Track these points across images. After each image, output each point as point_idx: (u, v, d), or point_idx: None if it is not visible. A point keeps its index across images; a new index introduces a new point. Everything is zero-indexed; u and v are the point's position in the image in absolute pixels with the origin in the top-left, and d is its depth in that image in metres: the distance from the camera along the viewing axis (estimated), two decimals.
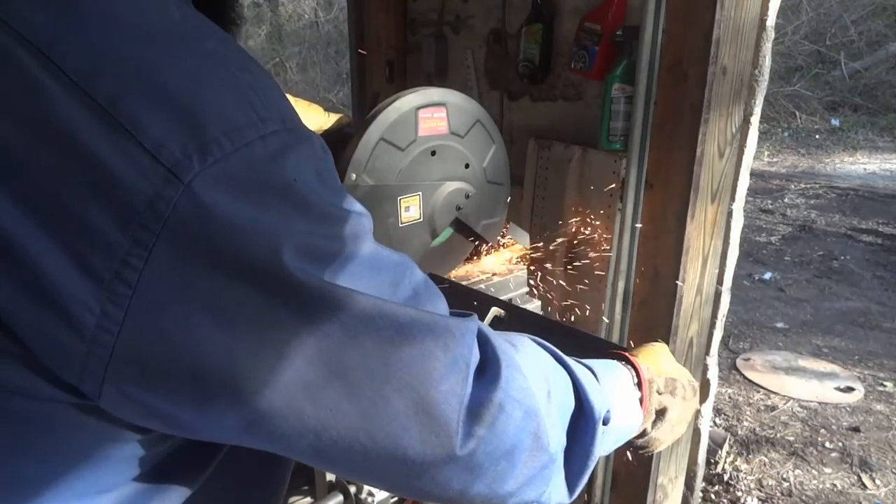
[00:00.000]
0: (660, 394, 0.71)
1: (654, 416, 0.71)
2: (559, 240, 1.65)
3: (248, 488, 0.58)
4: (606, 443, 0.61)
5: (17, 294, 0.36)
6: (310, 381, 0.40)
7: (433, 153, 1.17)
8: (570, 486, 0.56)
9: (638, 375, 0.69)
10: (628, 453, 1.61)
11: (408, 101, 1.12)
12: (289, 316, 0.39)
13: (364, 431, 0.42)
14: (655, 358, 0.76)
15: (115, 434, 0.42)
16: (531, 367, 0.52)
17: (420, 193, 1.18)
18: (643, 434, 0.72)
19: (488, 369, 0.47)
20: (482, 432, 0.45)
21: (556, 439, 0.53)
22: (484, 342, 0.48)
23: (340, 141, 1.10)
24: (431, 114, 1.15)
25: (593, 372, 0.61)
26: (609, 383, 0.63)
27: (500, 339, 0.51)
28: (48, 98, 0.35)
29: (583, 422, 0.56)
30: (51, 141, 0.35)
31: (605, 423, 0.58)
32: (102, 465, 0.43)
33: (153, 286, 0.36)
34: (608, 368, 0.66)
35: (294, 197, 0.39)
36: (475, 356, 0.47)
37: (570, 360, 0.59)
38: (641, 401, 0.68)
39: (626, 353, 0.72)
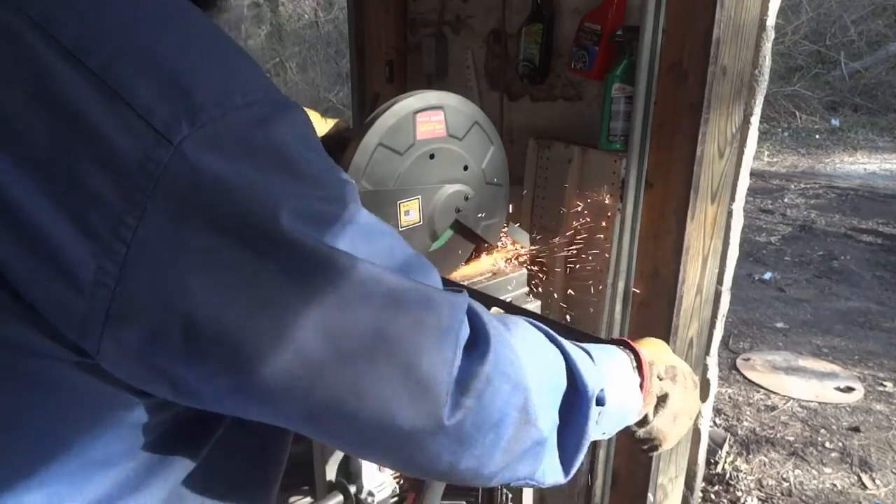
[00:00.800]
0: (660, 379, 0.70)
1: (654, 401, 0.70)
2: (559, 240, 1.65)
3: (250, 463, 0.58)
4: (604, 424, 0.61)
5: (22, 254, 0.37)
6: (301, 343, 0.40)
7: (432, 156, 1.17)
8: (565, 466, 0.56)
9: (638, 359, 0.68)
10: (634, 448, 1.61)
11: (405, 105, 1.11)
12: (281, 276, 0.39)
13: (354, 395, 0.42)
14: (656, 347, 0.75)
15: (116, 399, 0.43)
16: (522, 344, 0.52)
17: (419, 197, 1.18)
18: (645, 421, 0.71)
19: (478, 344, 0.48)
20: (470, 403, 0.46)
21: (548, 417, 0.53)
22: (474, 317, 0.49)
23: (338, 146, 1.10)
24: (429, 117, 1.15)
25: (589, 354, 0.61)
26: (606, 365, 0.63)
27: (490, 316, 0.51)
28: (46, 67, 0.37)
29: (576, 401, 0.56)
30: (48, 107, 0.37)
31: (599, 402, 0.58)
32: (104, 433, 0.44)
33: (147, 243, 0.37)
34: (606, 351, 0.66)
35: (284, 161, 0.40)
36: (465, 330, 0.47)
37: (564, 342, 0.59)
38: (641, 386, 0.67)
39: (626, 339, 0.72)
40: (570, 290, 1.66)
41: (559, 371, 0.56)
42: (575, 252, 1.64)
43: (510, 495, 1.45)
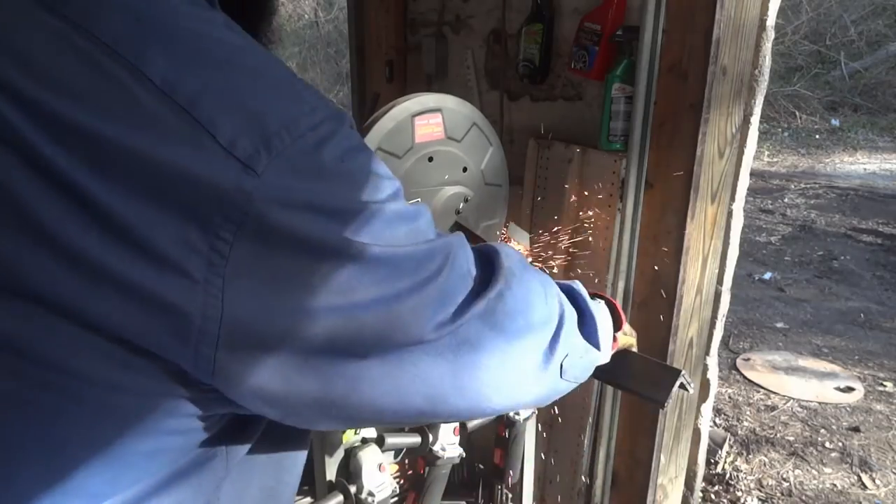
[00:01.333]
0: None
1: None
2: (559, 240, 1.65)
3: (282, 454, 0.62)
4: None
5: (136, 268, 0.40)
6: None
7: (430, 159, 1.17)
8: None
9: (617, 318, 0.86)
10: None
11: (403, 108, 1.11)
12: (353, 277, 0.44)
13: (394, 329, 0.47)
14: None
15: (164, 409, 0.45)
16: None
17: (419, 200, 1.18)
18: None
19: (492, 271, 0.55)
20: (493, 294, 0.53)
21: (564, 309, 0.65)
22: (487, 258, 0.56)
23: None
24: (427, 120, 1.15)
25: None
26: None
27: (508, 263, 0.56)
28: (138, 103, 0.40)
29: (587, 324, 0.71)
30: (143, 142, 0.39)
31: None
32: (147, 444, 0.46)
33: (240, 270, 0.41)
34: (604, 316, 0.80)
35: (344, 173, 0.45)
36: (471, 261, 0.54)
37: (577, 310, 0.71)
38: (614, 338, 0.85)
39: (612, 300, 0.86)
40: None
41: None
42: (575, 252, 1.64)
43: (510, 495, 1.45)
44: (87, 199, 0.39)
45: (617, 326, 0.85)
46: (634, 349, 0.94)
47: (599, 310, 0.76)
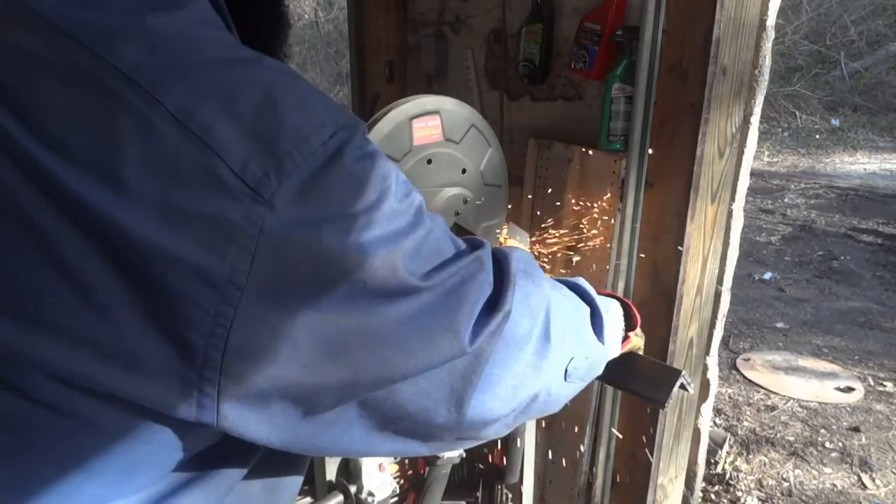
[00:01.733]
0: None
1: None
2: (559, 240, 1.65)
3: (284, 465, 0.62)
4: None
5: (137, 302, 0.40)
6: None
7: (429, 161, 1.17)
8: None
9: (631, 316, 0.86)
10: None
11: (401, 111, 1.11)
12: (367, 305, 0.43)
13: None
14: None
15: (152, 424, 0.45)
16: (547, 285, 0.61)
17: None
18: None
19: (501, 293, 0.53)
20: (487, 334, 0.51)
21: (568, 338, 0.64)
22: (498, 269, 0.54)
23: None
24: (426, 122, 1.14)
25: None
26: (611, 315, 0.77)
27: (515, 261, 0.56)
28: (158, 135, 0.39)
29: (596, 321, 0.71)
30: (163, 174, 0.40)
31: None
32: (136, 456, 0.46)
33: (252, 304, 0.41)
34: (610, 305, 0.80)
35: (356, 184, 0.44)
36: (489, 288, 0.52)
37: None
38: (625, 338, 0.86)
39: (627, 300, 0.86)
40: None
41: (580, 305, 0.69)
42: (575, 252, 1.64)
43: (510, 495, 1.45)
44: (103, 225, 0.38)
45: (631, 326, 0.85)
46: (641, 352, 0.94)
47: (610, 307, 0.76)
